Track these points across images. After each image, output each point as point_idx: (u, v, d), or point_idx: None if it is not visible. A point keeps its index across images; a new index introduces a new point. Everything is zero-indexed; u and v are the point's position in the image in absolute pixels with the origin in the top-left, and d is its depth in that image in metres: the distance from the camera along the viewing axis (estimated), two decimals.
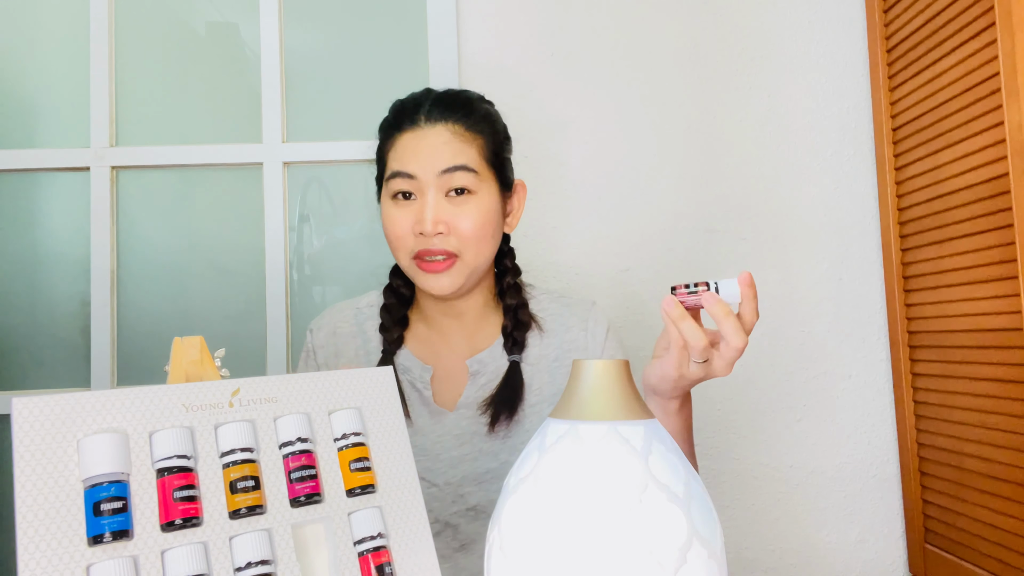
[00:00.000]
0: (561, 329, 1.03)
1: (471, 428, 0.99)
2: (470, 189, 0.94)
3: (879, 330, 1.46)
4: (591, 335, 1.02)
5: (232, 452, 0.51)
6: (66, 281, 1.49)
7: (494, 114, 1.03)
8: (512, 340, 1.00)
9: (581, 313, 1.04)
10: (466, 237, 0.93)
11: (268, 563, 0.49)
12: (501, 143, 1.01)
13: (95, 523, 0.46)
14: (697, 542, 0.42)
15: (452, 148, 0.94)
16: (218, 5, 1.55)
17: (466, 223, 0.93)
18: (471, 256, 0.94)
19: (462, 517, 0.98)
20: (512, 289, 1.04)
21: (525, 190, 1.05)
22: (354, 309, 1.06)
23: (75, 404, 0.48)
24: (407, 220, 0.94)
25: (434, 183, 0.93)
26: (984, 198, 1.15)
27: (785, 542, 1.44)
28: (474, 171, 0.94)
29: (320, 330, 1.05)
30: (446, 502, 0.98)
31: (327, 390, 0.57)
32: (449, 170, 0.93)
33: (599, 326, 1.03)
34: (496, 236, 0.98)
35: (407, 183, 0.94)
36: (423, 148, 0.94)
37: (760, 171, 1.47)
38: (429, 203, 0.92)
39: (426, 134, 0.95)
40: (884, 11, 1.42)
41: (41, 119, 1.50)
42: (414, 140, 0.95)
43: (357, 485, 0.55)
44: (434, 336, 1.04)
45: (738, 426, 1.45)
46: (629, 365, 0.48)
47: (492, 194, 0.97)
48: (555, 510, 0.43)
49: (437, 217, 0.92)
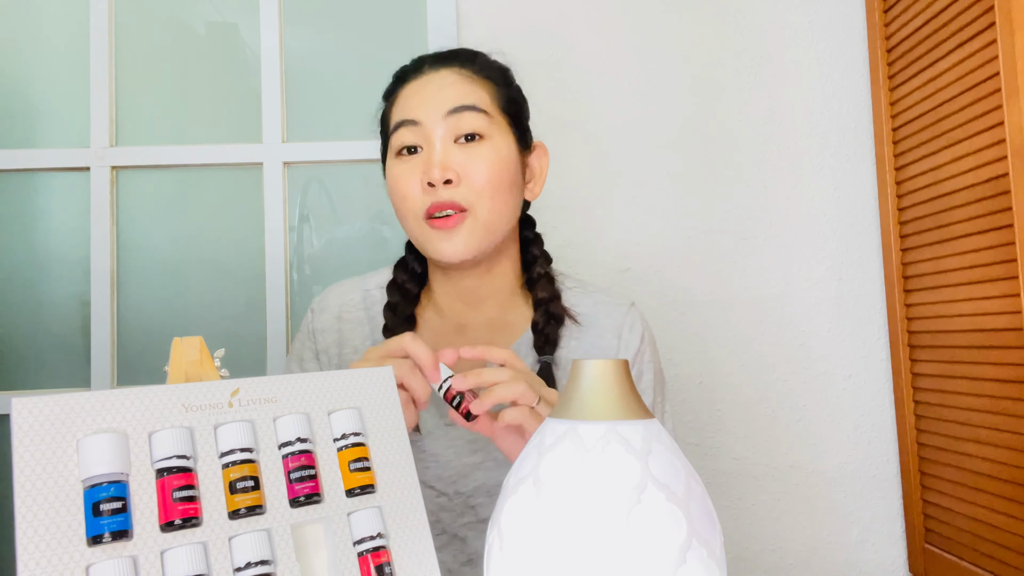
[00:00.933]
0: (593, 332, 0.91)
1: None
2: (481, 133, 0.84)
3: (879, 330, 1.46)
4: (623, 343, 0.91)
5: (232, 452, 0.51)
6: (66, 281, 1.49)
7: (505, 67, 0.93)
8: (544, 337, 0.88)
9: (616, 316, 0.92)
10: (478, 187, 0.82)
11: (268, 563, 0.49)
12: (515, 94, 0.91)
13: (94, 523, 0.46)
14: (697, 542, 0.42)
15: (459, 88, 0.85)
16: (218, 5, 1.55)
17: (478, 171, 0.82)
18: (485, 211, 0.83)
19: (471, 530, 0.89)
20: (543, 280, 0.92)
21: (547, 154, 0.94)
22: (362, 291, 0.95)
23: (74, 404, 0.48)
24: (414, 174, 0.84)
25: (441, 126, 0.83)
26: (984, 198, 1.15)
27: (785, 542, 1.44)
28: (484, 112, 0.84)
29: (324, 312, 0.94)
30: (455, 513, 0.89)
31: (327, 390, 0.57)
32: (456, 110, 0.83)
33: (633, 334, 0.92)
34: (514, 193, 0.87)
35: (412, 133, 0.84)
36: (427, 92, 0.85)
37: (760, 171, 1.47)
38: (436, 149, 0.83)
39: (431, 79, 0.86)
40: (884, 11, 1.42)
41: (41, 119, 1.50)
42: (418, 86, 0.87)
43: (357, 485, 0.55)
44: (448, 328, 0.92)
45: (738, 426, 1.45)
46: (628, 365, 0.48)
47: (508, 143, 0.86)
48: (554, 510, 0.43)
49: (445, 162, 0.82)
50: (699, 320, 1.45)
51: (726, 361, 1.45)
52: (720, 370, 1.45)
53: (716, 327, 1.46)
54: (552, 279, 0.92)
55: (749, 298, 1.46)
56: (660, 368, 0.95)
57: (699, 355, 1.45)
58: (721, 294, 1.46)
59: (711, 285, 1.46)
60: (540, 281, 0.91)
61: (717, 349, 1.45)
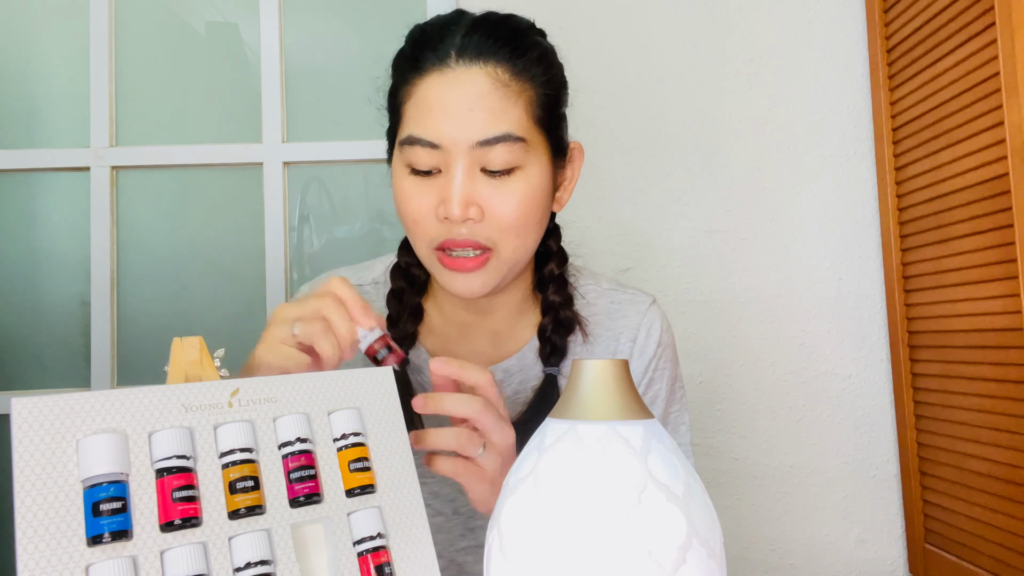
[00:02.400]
0: (609, 336, 0.82)
1: None
2: (513, 166, 0.70)
3: (879, 330, 1.46)
4: (638, 347, 0.82)
5: (231, 452, 0.51)
6: (66, 281, 1.49)
7: (550, 51, 0.77)
8: (550, 346, 0.79)
9: (635, 317, 0.83)
10: (505, 226, 0.70)
11: (267, 563, 0.49)
12: (557, 94, 0.76)
13: (94, 523, 0.46)
14: (696, 542, 0.42)
15: (492, 107, 0.69)
16: (218, 5, 1.55)
17: (506, 207, 0.70)
18: (509, 250, 0.72)
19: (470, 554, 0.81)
20: (556, 282, 0.81)
21: (583, 155, 0.81)
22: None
23: (74, 404, 0.48)
24: (427, 199, 0.71)
25: (466, 156, 0.69)
26: (984, 198, 1.15)
27: (785, 542, 1.44)
28: (521, 140, 0.70)
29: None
30: (453, 535, 0.81)
31: (326, 390, 0.57)
32: (487, 142, 0.69)
33: (650, 339, 0.83)
34: (543, 222, 0.76)
35: (429, 155, 0.70)
36: (452, 104, 0.69)
37: (760, 171, 1.47)
38: (457, 180, 0.69)
39: (457, 80, 0.70)
40: (884, 11, 1.42)
41: (41, 119, 1.50)
42: (440, 89, 0.70)
43: (356, 485, 0.55)
44: (451, 331, 0.83)
45: (738, 426, 1.45)
46: (628, 365, 0.48)
47: (542, 167, 0.73)
48: (554, 510, 0.43)
49: (468, 198, 0.69)
50: (699, 320, 1.45)
51: (726, 361, 1.45)
52: (720, 370, 1.45)
53: (716, 327, 1.46)
54: (565, 282, 0.82)
55: (749, 298, 1.46)
56: (678, 375, 0.87)
57: (699, 355, 1.45)
58: (721, 294, 1.46)
59: (711, 285, 1.46)
60: (553, 283, 0.82)
61: (717, 349, 1.45)
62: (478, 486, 0.64)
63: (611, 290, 0.86)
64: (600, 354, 0.82)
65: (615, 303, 0.84)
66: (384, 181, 0.86)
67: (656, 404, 0.84)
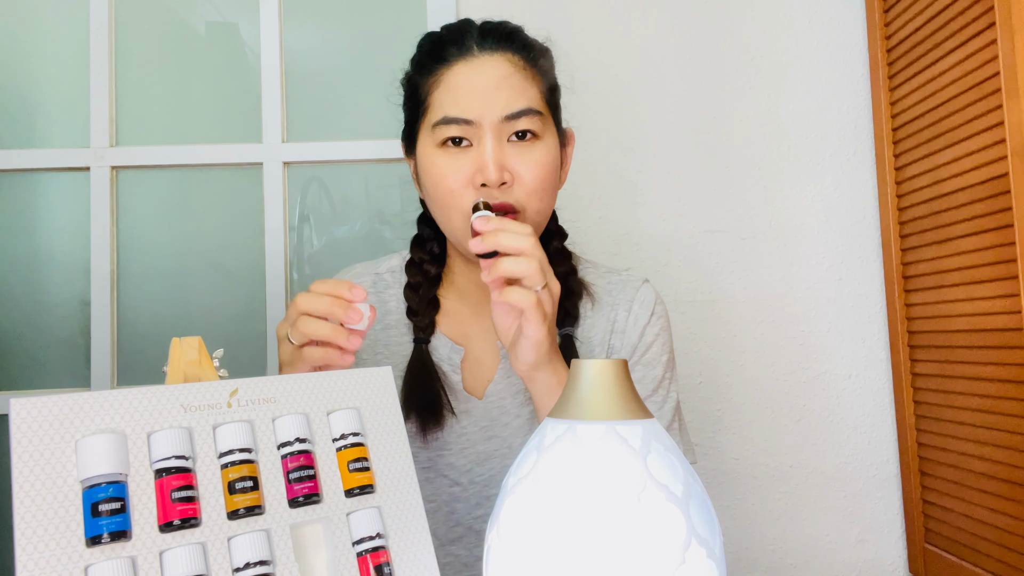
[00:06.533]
0: (607, 306, 0.91)
1: (501, 419, 0.87)
2: (536, 133, 0.81)
3: (879, 330, 1.46)
4: (633, 316, 0.91)
5: (231, 452, 0.51)
6: (66, 281, 1.49)
7: (547, 49, 0.89)
8: (564, 310, 0.88)
9: (630, 292, 0.92)
10: (531, 189, 0.80)
11: (267, 563, 0.49)
12: (556, 84, 0.89)
13: (93, 524, 0.46)
14: (696, 542, 0.42)
15: (515, 85, 0.80)
16: (218, 5, 1.55)
17: (532, 171, 0.80)
18: (533, 212, 0.82)
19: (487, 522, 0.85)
20: (560, 254, 0.92)
21: (574, 140, 0.93)
22: (373, 275, 0.94)
23: (73, 404, 0.48)
24: (463, 171, 0.80)
25: (497, 128, 0.79)
26: (984, 198, 1.15)
27: (785, 542, 1.44)
28: (539, 113, 0.82)
29: None
30: (470, 504, 0.87)
31: (326, 390, 0.57)
32: (514, 116, 0.80)
33: (644, 308, 0.91)
34: (555, 191, 0.86)
35: (462, 130, 0.80)
36: (480, 85, 0.80)
37: (760, 171, 1.47)
38: (489, 149, 0.79)
39: (483, 66, 0.81)
40: (884, 11, 1.42)
41: (41, 119, 1.50)
42: (468, 74, 0.81)
43: (356, 485, 0.55)
44: (466, 312, 0.91)
45: (738, 426, 1.45)
46: (627, 365, 0.48)
47: (553, 140, 0.84)
48: (554, 510, 0.43)
49: (501, 163, 0.79)
50: (699, 320, 1.45)
51: (726, 361, 1.45)
52: (720, 370, 1.45)
53: (716, 327, 1.46)
54: (569, 253, 0.93)
55: (749, 298, 1.46)
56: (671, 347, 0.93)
57: (699, 355, 1.45)
58: (721, 294, 1.46)
59: (711, 285, 1.46)
60: (558, 255, 0.91)
61: (717, 349, 1.45)
62: (537, 325, 0.70)
63: (608, 272, 0.96)
64: (600, 323, 0.91)
65: (611, 283, 0.94)
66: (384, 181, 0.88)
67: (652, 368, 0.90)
